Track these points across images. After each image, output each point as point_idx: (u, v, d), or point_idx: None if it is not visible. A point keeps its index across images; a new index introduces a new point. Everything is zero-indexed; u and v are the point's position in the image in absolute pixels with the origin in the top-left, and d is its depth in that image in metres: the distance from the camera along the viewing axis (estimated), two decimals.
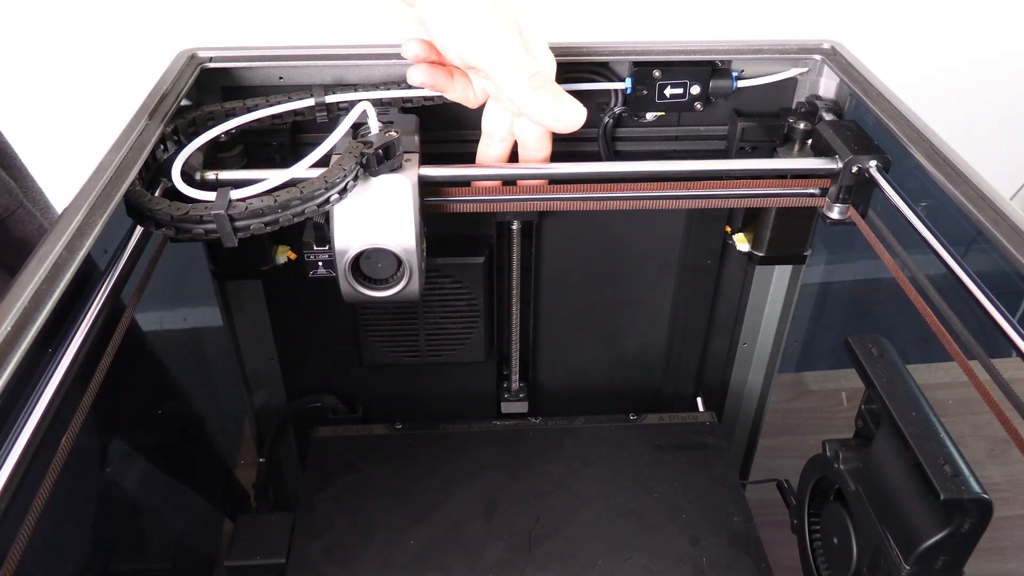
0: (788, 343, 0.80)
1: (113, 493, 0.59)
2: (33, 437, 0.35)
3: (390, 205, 0.50)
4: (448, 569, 0.62)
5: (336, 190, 0.47)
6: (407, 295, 0.53)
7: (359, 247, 0.50)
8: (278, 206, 0.46)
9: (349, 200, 0.49)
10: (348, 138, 0.50)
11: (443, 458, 0.71)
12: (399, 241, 0.51)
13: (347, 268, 0.51)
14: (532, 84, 0.50)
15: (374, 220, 0.50)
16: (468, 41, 0.49)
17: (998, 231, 0.44)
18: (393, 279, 0.53)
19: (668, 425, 0.75)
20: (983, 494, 0.45)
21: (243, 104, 0.57)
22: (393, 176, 0.50)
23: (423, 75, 0.54)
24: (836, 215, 0.57)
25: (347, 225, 0.50)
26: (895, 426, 0.50)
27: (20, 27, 1.05)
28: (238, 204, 0.46)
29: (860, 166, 0.54)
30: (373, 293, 0.53)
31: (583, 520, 0.66)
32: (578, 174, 0.55)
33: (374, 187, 0.50)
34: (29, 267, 0.38)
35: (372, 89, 0.59)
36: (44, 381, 0.37)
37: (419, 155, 0.53)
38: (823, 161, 0.56)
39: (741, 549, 0.64)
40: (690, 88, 0.63)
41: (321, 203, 0.47)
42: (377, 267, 0.52)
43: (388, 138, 0.49)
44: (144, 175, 0.49)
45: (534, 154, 0.56)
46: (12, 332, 0.34)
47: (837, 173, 0.55)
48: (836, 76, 0.62)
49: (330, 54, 0.61)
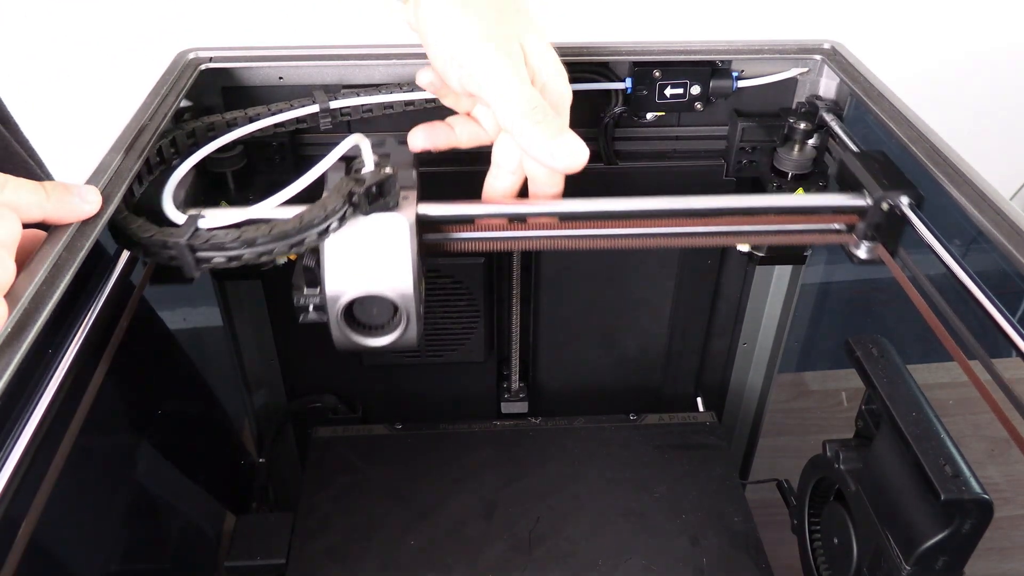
0: (788, 343, 0.80)
1: (113, 493, 0.59)
2: (33, 437, 0.35)
3: (385, 247, 0.46)
4: (448, 569, 0.62)
5: (314, 231, 0.43)
6: (404, 343, 0.49)
7: (352, 294, 0.46)
8: (242, 242, 0.43)
9: (341, 241, 0.45)
10: (339, 172, 0.46)
11: (443, 458, 0.71)
12: (395, 287, 0.46)
13: (339, 316, 0.47)
14: (531, 118, 0.45)
15: (368, 263, 0.46)
16: (463, 67, 0.46)
17: (998, 231, 0.44)
18: (389, 326, 0.48)
19: (668, 425, 0.76)
20: (983, 494, 0.45)
21: (245, 114, 0.56)
22: (389, 216, 0.45)
23: (423, 139, 0.51)
24: (864, 254, 0.52)
25: (339, 269, 0.46)
26: (895, 426, 0.50)
27: (20, 27, 1.05)
28: (202, 234, 0.43)
29: (891, 203, 0.50)
30: (368, 341, 0.49)
31: (583, 520, 0.66)
32: (590, 212, 0.50)
33: (368, 227, 0.45)
34: (29, 267, 0.37)
35: (374, 92, 0.59)
36: (44, 381, 0.37)
37: (417, 190, 0.48)
38: (850, 197, 0.51)
39: (741, 549, 0.64)
40: (690, 88, 0.63)
41: (294, 243, 0.43)
42: (372, 313, 0.48)
43: (383, 175, 0.45)
44: (135, 191, 0.48)
45: (544, 190, 0.51)
46: (12, 332, 0.34)
47: (865, 210, 0.51)
48: (836, 76, 0.62)
49: (330, 54, 0.61)
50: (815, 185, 0.65)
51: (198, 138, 0.54)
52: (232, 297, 0.73)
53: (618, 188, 0.68)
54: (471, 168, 0.53)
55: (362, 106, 0.58)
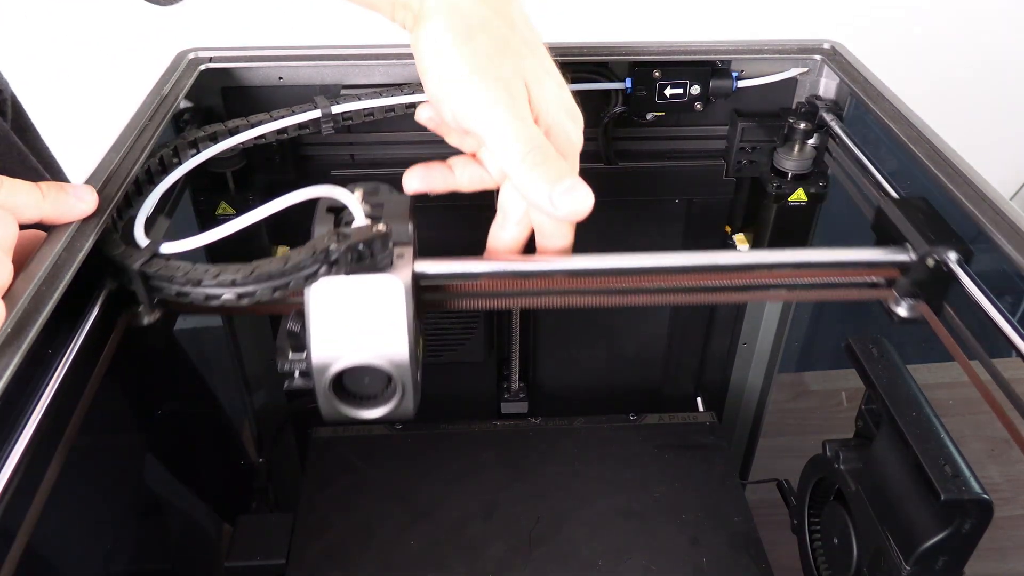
0: (788, 343, 0.80)
1: (113, 494, 0.59)
2: (33, 437, 0.35)
3: (378, 311, 0.40)
4: (448, 569, 0.62)
5: (267, 285, 0.39)
6: (400, 415, 0.44)
7: (341, 364, 0.41)
8: (188, 280, 0.40)
9: (328, 303, 0.40)
10: (327, 223, 0.42)
11: (443, 458, 0.71)
12: (389, 355, 0.41)
13: (327, 387, 0.42)
14: (529, 159, 0.41)
15: (359, 329, 0.41)
16: (455, 101, 0.42)
17: (998, 231, 0.44)
18: (383, 396, 0.43)
19: (668, 425, 0.75)
20: (983, 494, 0.45)
21: (247, 121, 0.55)
22: (381, 277, 0.40)
23: (418, 182, 0.46)
24: (905, 312, 0.47)
25: (325, 336, 0.41)
26: (895, 426, 0.50)
27: (20, 27, 1.05)
28: (157, 261, 0.41)
29: (938, 258, 0.45)
30: (359, 413, 0.44)
31: (583, 520, 0.66)
32: (605, 269, 0.45)
33: (358, 289, 0.40)
34: (29, 267, 0.38)
35: (375, 96, 0.58)
36: (44, 381, 0.37)
37: (414, 245, 0.43)
38: (891, 251, 0.47)
39: (741, 549, 0.64)
40: (690, 88, 0.63)
41: (243, 294, 0.40)
42: (363, 382, 0.43)
43: (374, 233, 0.40)
44: (132, 202, 0.47)
45: (551, 242, 0.46)
46: (12, 333, 0.34)
47: (909, 265, 0.46)
48: (836, 76, 0.62)
49: (330, 55, 0.61)
50: (815, 185, 0.65)
51: (200, 147, 0.52)
52: None
53: (618, 188, 0.68)
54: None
55: (364, 110, 0.58)
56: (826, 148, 0.64)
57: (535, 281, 0.46)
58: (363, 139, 0.65)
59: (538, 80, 0.43)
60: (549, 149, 0.41)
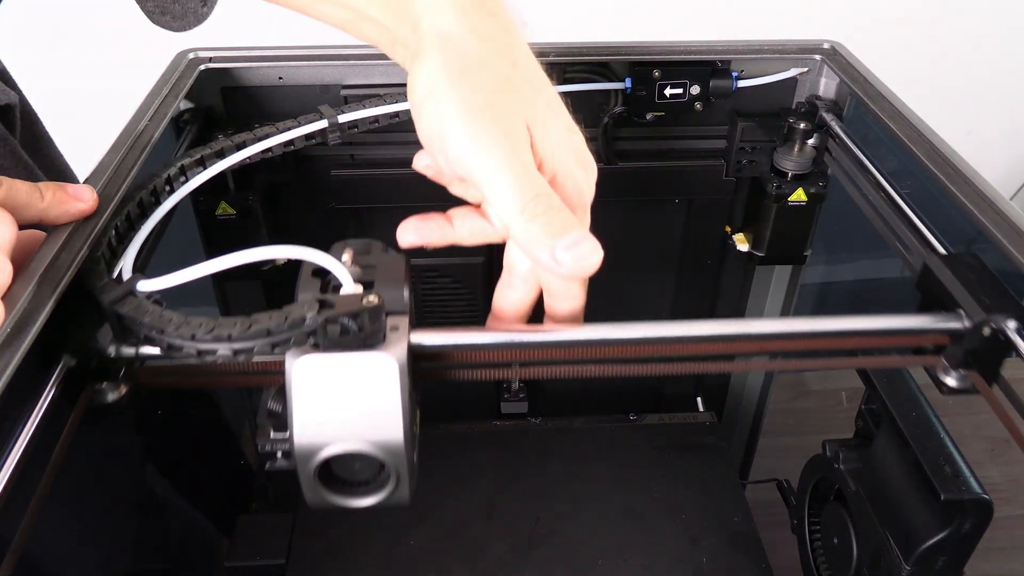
0: None
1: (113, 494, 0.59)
2: (33, 436, 0.35)
3: (369, 393, 0.36)
4: (448, 569, 0.62)
5: (228, 347, 0.36)
6: (395, 502, 0.40)
7: (327, 453, 0.36)
8: (151, 325, 0.36)
9: (312, 383, 0.36)
10: (312, 289, 0.37)
11: (443, 458, 0.71)
12: (381, 441, 0.37)
13: (312, 476, 0.37)
14: (529, 210, 0.36)
15: (347, 413, 0.36)
16: (449, 145, 0.37)
17: (998, 231, 0.44)
18: (375, 483, 0.39)
19: (668, 425, 0.75)
20: (983, 494, 0.45)
21: (253, 135, 0.54)
22: (373, 356, 0.35)
23: (413, 235, 0.42)
24: (955, 382, 0.43)
25: (310, 419, 0.36)
26: (895, 426, 0.50)
27: (20, 27, 1.05)
28: (129, 301, 0.38)
29: (995, 327, 0.41)
30: (349, 502, 0.39)
31: (583, 520, 0.66)
32: (625, 339, 0.42)
33: (346, 368, 0.35)
34: (29, 268, 0.37)
35: (379, 103, 0.58)
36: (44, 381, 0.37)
37: (411, 314, 0.39)
38: (941, 318, 0.42)
39: (741, 549, 0.64)
40: (690, 88, 0.63)
41: (203, 351, 0.36)
42: (353, 468, 0.38)
43: (363, 305, 0.35)
44: (135, 223, 0.46)
45: (559, 304, 0.42)
46: (11, 334, 0.34)
47: (963, 334, 0.41)
48: (836, 76, 0.62)
49: (330, 54, 0.61)
50: (815, 184, 0.65)
51: (206, 164, 0.51)
52: (232, 297, 0.73)
53: (618, 188, 0.68)
54: None
55: (369, 118, 0.58)
56: (826, 148, 0.64)
57: (541, 352, 0.41)
58: (363, 139, 0.65)
59: (543, 122, 0.38)
60: (553, 199, 0.37)
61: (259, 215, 0.64)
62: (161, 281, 0.39)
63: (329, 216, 0.68)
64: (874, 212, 0.57)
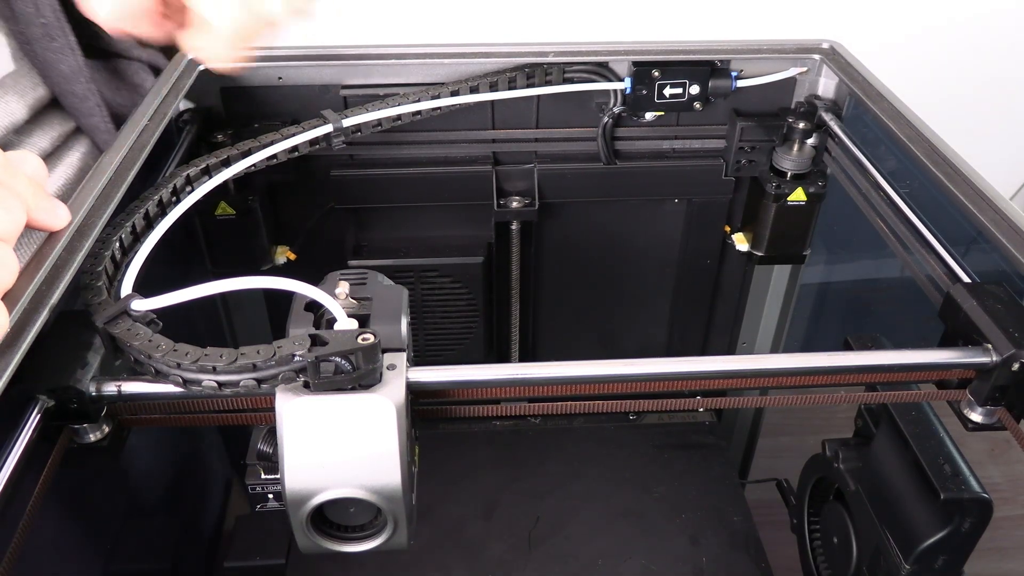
0: (788, 343, 0.80)
1: (113, 493, 0.59)
2: (32, 433, 0.35)
3: (365, 436, 0.34)
4: (448, 569, 0.62)
5: (212, 379, 0.35)
6: (392, 547, 0.38)
7: (319, 499, 0.35)
8: (140, 350, 0.36)
9: (304, 426, 0.34)
10: (304, 323, 0.36)
11: (443, 458, 0.71)
12: (377, 486, 0.35)
13: (304, 523, 0.36)
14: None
15: (341, 457, 0.34)
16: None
17: (998, 231, 0.44)
18: (371, 527, 0.37)
19: (668, 425, 0.76)
20: (983, 494, 0.45)
21: (258, 142, 0.54)
22: (369, 398, 0.34)
23: None
24: (980, 418, 0.42)
25: (300, 463, 0.34)
26: (895, 425, 0.50)
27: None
28: (122, 321, 0.37)
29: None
30: (343, 548, 0.38)
31: (583, 520, 0.66)
32: (639, 375, 0.42)
33: (340, 410, 0.34)
34: (29, 268, 0.37)
35: (381, 106, 0.58)
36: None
37: (408, 349, 0.38)
38: (967, 352, 0.40)
39: (741, 549, 0.64)
40: (689, 88, 0.63)
41: (188, 380, 0.35)
42: (348, 512, 0.37)
43: (358, 345, 0.33)
44: (139, 234, 0.45)
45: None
46: (12, 333, 0.34)
47: (991, 369, 0.40)
48: (835, 76, 0.62)
49: (330, 54, 0.61)
50: (814, 184, 0.65)
51: (211, 173, 0.51)
52: (232, 297, 0.73)
53: (618, 188, 0.68)
54: None
55: (372, 121, 0.57)
56: (825, 148, 0.64)
57: (541, 388, 0.42)
58: (363, 139, 0.65)
59: None
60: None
61: (259, 215, 0.64)
62: (156, 301, 0.37)
63: (329, 216, 0.68)
64: (873, 212, 0.57)
